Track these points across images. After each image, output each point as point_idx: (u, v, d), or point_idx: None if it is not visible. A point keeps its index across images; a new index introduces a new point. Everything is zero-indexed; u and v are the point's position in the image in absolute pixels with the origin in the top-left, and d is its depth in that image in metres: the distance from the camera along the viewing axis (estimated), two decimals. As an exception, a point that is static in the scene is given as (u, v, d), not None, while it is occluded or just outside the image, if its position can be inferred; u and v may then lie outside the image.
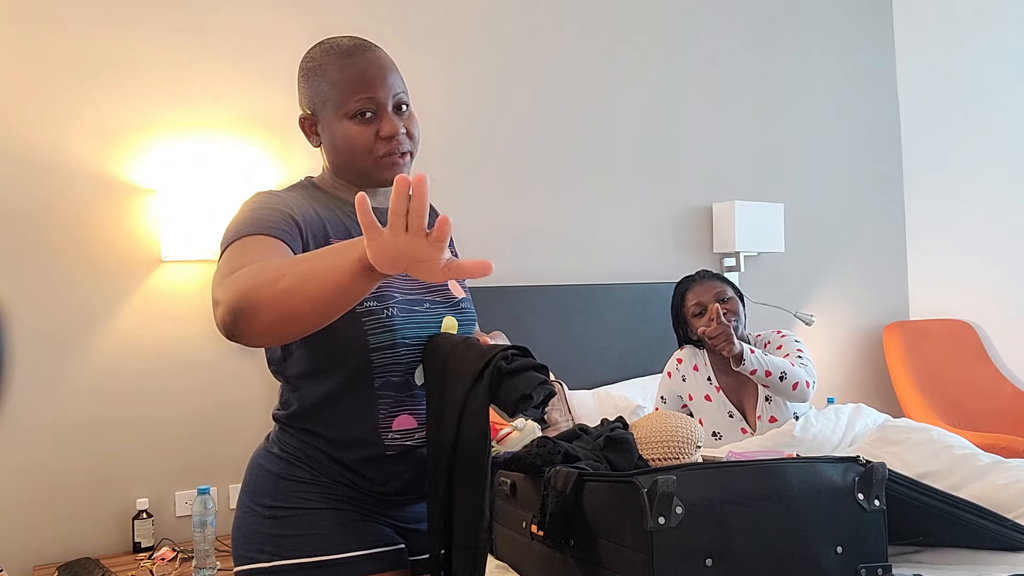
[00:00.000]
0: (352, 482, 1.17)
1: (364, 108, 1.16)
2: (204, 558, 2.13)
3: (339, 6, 2.77)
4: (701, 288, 2.42)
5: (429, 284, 1.22)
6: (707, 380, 2.41)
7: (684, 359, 2.46)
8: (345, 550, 1.13)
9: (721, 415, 2.37)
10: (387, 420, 1.17)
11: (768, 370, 2.23)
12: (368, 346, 1.14)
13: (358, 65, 1.17)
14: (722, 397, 2.38)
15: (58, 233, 2.33)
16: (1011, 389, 3.66)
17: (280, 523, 1.14)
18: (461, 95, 3.00)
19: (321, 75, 1.18)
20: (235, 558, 1.17)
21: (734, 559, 1.04)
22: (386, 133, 1.17)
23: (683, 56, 3.53)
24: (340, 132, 1.17)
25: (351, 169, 1.20)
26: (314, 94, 1.19)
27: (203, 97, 2.54)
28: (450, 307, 1.23)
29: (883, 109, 4.17)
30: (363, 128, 1.17)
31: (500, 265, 3.03)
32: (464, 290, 1.30)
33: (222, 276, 0.99)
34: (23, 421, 2.27)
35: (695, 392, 2.42)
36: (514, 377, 1.06)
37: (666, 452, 2.05)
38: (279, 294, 0.89)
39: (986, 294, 3.86)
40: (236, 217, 1.12)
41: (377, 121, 1.17)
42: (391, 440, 1.17)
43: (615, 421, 2.16)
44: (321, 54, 1.19)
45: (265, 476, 1.19)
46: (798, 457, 1.23)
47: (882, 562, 1.14)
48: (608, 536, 1.09)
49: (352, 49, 1.18)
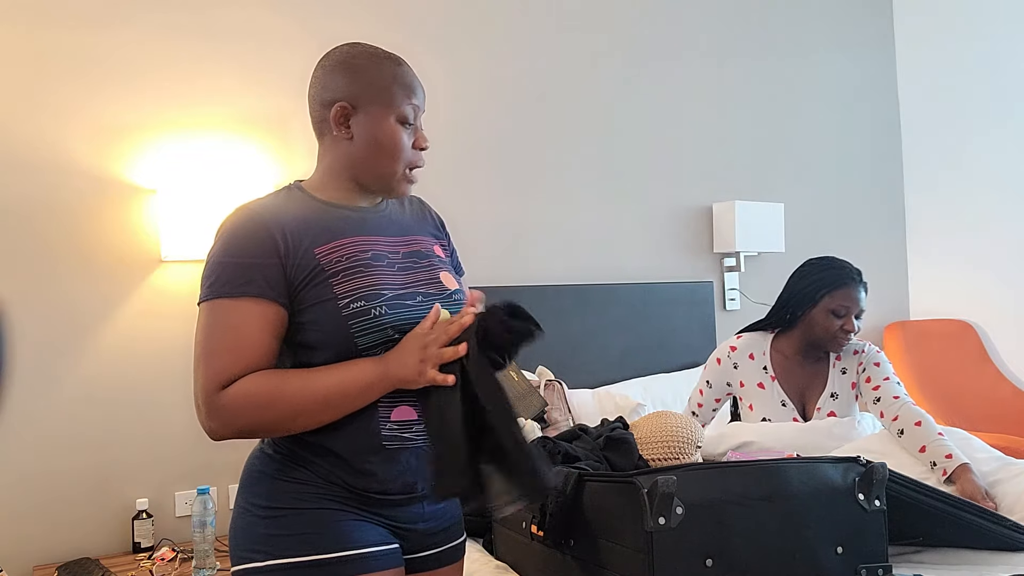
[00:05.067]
0: (346, 482, 1.17)
1: (411, 116, 1.22)
2: (204, 558, 2.13)
3: (339, 6, 2.77)
4: (855, 294, 2.31)
5: (422, 277, 1.23)
6: (763, 369, 2.40)
7: (740, 347, 2.44)
8: (339, 549, 1.13)
9: (773, 403, 2.37)
10: (386, 410, 1.17)
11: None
12: (358, 347, 1.14)
13: (410, 75, 1.23)
14: (776, 387, 2.38)
15: (58, 233, 2.33)
16: (1011, 389, 3.66)
17: (275, 523, 1.14)
18: (461, 95, 3.00)
19: (368, 71, 1.20)
20: (232, 558, 1.17)
21: (734, 559, 1.04)
22: (421, 145, 1.24)
23: (683, 56, 3.53)
24: (388, 131, 1.20)
25: (374, 170, 1.22)
26: (359, 87, 1.20)
27: (203, 97, 2.54)
28: (443, 298, 1.24)
29: (883, 109, 4.16)
30: (406, 134, 1.22)
31: (500, 265, 3.03)
32: (458, 281, 1.31)
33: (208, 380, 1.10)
34: (23, 421, 2.27)
35: (748, 379, 2.41)
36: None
37: (666, 452, 2.05)
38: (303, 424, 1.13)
39: (986, 294, 3.86)
40: (215, 253, 1.14)
41: (413, 131, 1.23)
42: (389, 431, 1.17)
43: (615, 421, 2.16)
44: (362, 54, 1.22)
45: (260, 476, 1.19)
46: (798, 457, 1.23)
47: (882, 562, 1.14)
48: (608, 536, 1.09)
49: (398, 59, 1.24)
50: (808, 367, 2.40)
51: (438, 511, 1.26)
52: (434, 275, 1.25)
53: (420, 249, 1.27)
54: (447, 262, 1.33)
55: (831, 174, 3.95)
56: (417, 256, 1.26)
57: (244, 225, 1.15)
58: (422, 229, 1.33)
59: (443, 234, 1.38)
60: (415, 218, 1.34)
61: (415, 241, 1.28)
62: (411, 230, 1.30)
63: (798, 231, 3.79)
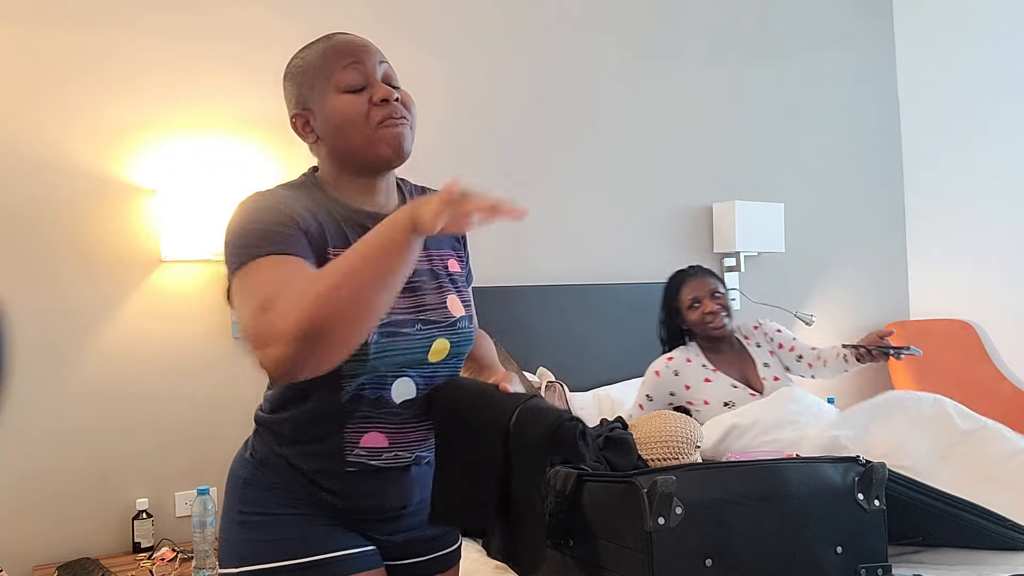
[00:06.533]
0: (313, 496, 1.15)
1: (354, 81, 1.11)
2: (204, 558, 2.13)
3: (340, 5, 2.77)
4: (696, 283, 2.60)
5: (427, 301, 1.16)
6: (702, 367, 2.56)
7: (676, 357, 2.60)
8: (312, 553, 1.12)
9: (726, 389, 2.52)
10: (354, 435, 1.13)
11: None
12: (340, 371, 1.08)
13: (339, 40, 1.15)
14: (721, 375, 2.55)
15: (58, 233, 2.33)
16: (1011, 389, 3.66)
17: (248, 528, 1.13)
18: (461, 95, 3.00)
19: (304, 66, 1.15)
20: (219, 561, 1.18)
21: (734, 559, 1.04)
22: (380, 96, 1.11)
23: (683, 56, 3.53)
24: (332, 107, 1.11)
25: (349, 151, 1.12)
26: (300, 86, 1.15)
27: (203, 97, 2.54)
28: (445, 328, 1.16)
29: (883, 109, 4.16)
30: (355, 97, 1.11)
31: (500, 265, 3.03)
32: (466, 307, 1.23)
33: (259, 307, 0.94)
34: (23, 421, 2.27)
35: (692, 380, 2.55)
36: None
37: (665, 452, 2.05)
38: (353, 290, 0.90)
39: (986, 294, 3.86)
40: (240, 226, 1.04)
41: (369, 90, 1.12)
42: (355, 457, 1.13)
43: (614, 421, 2.16)
44: (301, 52, 1.17)
45: (236, 480, 1.18)
46: (798, 457, 1.23)
47: (882, 562, 1.14)
48: (608, 536, 1.09)
49: (330, 35, 1.16)
50: (732, 354, 2.62)
51: (416, 523, 1.22)
52: (441, 299, 1.18)
53: (432, 268, 1.20)
54: (460, 278, 1.25)
55: (831, 174, 3.95)
56: (428, 275, 1.18)
57: (267, 205, 1.07)
58: (441, 239, 1.24)
59: (461, 243, 1.30)
60: None
61: (430, 256, 1.21)
62: (429, 241, 1.21)
63: (798, 231, 3.79)
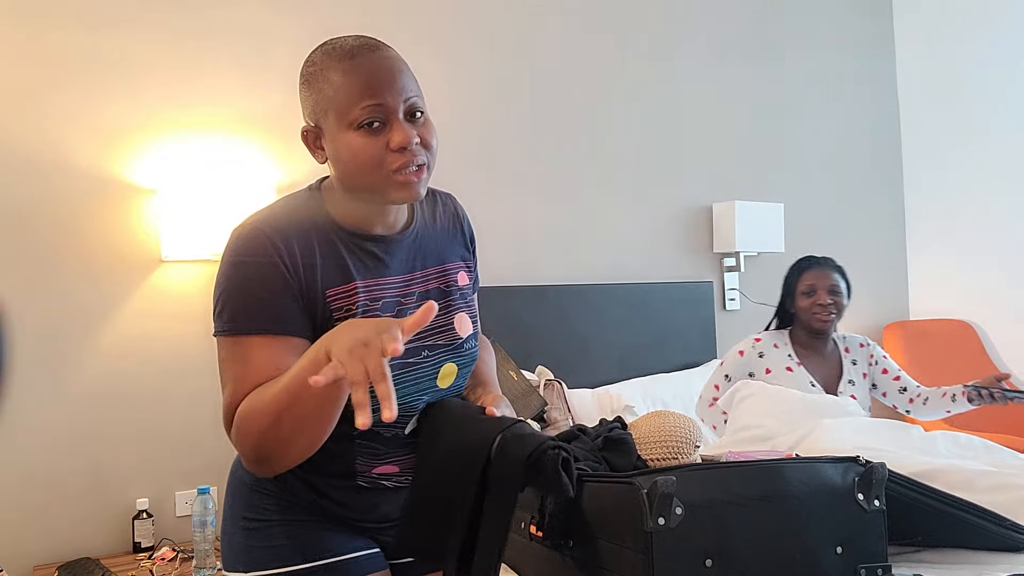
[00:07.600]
0: (322, 507, 1.15)
1: (371, 117, 1.01)
2: (204, 558, 2.13)
3: (340, 5, 2.77)
4: (819, 272, 2.56)
5: (433, 326, 1.13)
6: (788, 356, 2.55)
7: (764, 339, 2.60)
8: (317, 559, 1.11)
9: (804, 385, 2.50)
10: (365, 466, 1.13)
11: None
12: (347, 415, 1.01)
13: (363, 68, 1.02)
14: (803, 370, 2.53)
15: (58, 233, 2.33)
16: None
17: (252, 534, 1.13)
18: (462, 95, 3.00)
19: (323, 81, 1.03)
20: (223, 564, 1.18)
21: (734, 559, 1.04)
22: (397, 144, 1.01)
23: (683, 56, 3.53)
24: (345, 145, 1.02)
25: (360, 187, 1.05)
26: (315, 103, 1.05)
27: (203, 97, 2.54)
28: (452, 351, 1.14)
29: (883, 109, 4.16)
30: (371, 140, 1.01)
31: (500, 265, 3.03)
32: (472, 322, 1.19)
33: (226, 412, 1.02)
34: (23, 421, 2.27)
35: (774, 365, 2.55)
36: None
37: (665, 452, 2.05)
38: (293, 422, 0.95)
39: (986, 294, 3.86)
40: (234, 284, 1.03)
41: (387, 131, 1.02)
42: (367, 481, 1.14)
43: (614, 421, 2.16)
44: (322, 57, 1.05)
45: (239, 485, 1.17)
46: (798, 457, 1.23)
47: (882, 562, 1.14)
48: (607, 537, 1.09)
49: (356, 50, 1.03)
50: (825, 356, 2.57)
51: None
52: (448, 320, 1.15)
53: (440, 286, 1.16)
54: (468, 290, 1.21)
55: (831, 174, 3.95)
56: (435, 295, 1.15)
57: (255, 251, 1.03)
58: (451, 251, 1.20)
59: (470, 251, 1.25)
60: (446, 235, 1.21)
61: (437, 274, 1.17)
62: (436, 257, 1.17)
63: (798, 231, 3.79)
